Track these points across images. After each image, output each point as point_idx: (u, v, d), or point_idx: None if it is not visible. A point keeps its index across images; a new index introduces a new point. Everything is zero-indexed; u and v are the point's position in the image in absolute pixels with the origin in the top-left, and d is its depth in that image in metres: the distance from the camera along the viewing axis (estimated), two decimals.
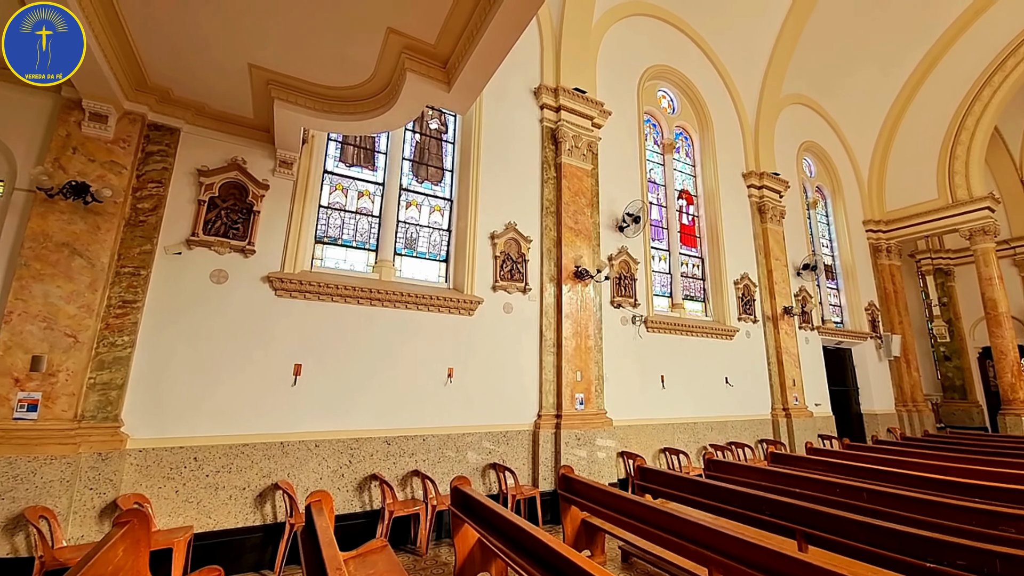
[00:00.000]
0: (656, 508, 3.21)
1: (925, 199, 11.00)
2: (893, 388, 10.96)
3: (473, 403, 5.34)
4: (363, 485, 4.56)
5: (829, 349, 10.18)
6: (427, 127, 6.19)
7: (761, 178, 9.28)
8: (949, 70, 10.33)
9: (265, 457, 4.18)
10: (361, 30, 3.28)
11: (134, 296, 3.97)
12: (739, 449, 7.31)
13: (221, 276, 4.32)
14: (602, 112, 7.11)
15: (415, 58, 3.45)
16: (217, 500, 3.98)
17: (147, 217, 4.11)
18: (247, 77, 3.84)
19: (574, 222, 6.44)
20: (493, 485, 5.26)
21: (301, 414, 4.41)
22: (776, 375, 8.49)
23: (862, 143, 11.97)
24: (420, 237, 5.77)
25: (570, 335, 6.03)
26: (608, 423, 6.13)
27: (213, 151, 4.50)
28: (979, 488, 4.06)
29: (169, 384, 4.01)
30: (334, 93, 3.95)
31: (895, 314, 11.39)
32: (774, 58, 9.44)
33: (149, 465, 3.86)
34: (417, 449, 4.89)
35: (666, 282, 8.03)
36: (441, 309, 5.35)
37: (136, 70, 3.89)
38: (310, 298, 4.66)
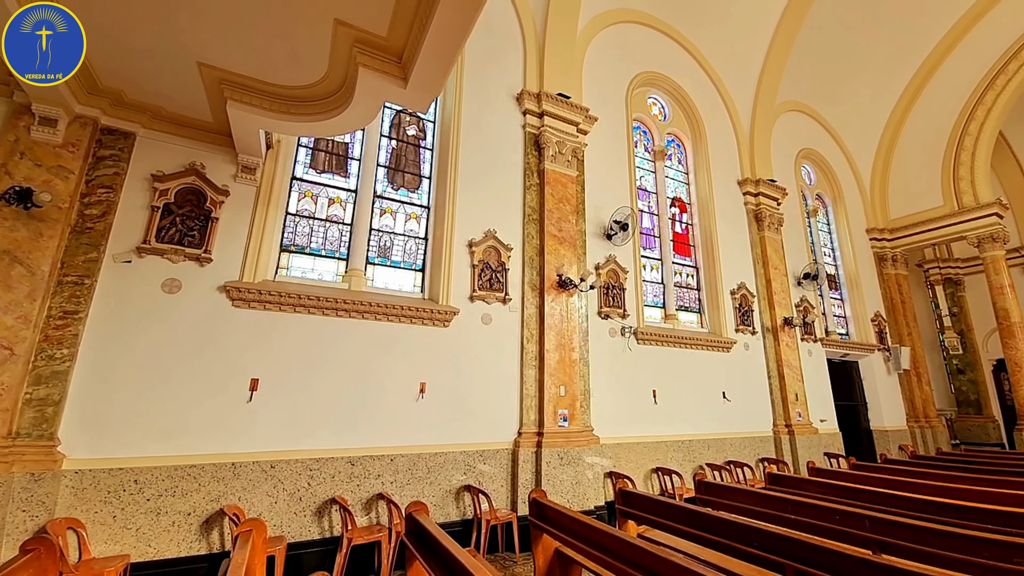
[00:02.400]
0: (629, 542, 2.86)
1: (930, 206, 10.64)
2: (904, 403, 10.45)
3: (447, 420, 5.03)
4: (323, 509, 4.24)
5: (834, 362, 9.76)
6: (404, 133, 6.02)
7: (757, 185, 9.01)
8: (950, 75, 10.09)
9: (214, 479, 3.89)
10: (307, 22, 3.10)
11: (76, 307, 3.75)
12: (738, 469, 6.89)
13: (174, 286, 4.10)
14: (588, 118, 6.92)
15: (367, 52, 3.26)
16: (158, 526, 3.69)
17: (95, 224, 3.92)
18: (198, 77, 3.68)
19: (558, 229, 6.19)
20: (468, 509, 4.91)
21: (256, 432, 4.13)
22: (777, 389, 8.09)
23: (863, 150, 11.69)
24: (395, 245, 5.54)
25: (553, 347, 5.73)
26: (595, 441, 5.77)
27: (171, 156, 4.32)
28: (992, 514, 3.66)
29: (110, 400, 3.75)
30: (290, 93, 3.77)
31: (903, 325, 10.94)
32: (767, 65, 9.25)
33: (85, 488, 3.59)
34: (384, 470, 4.57)
35: (659, 292, 7.72)
36: (414, 320, 5.09)
37: (85, 72, 3.74)
38: (270, 309, 4.41)
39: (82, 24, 2.72)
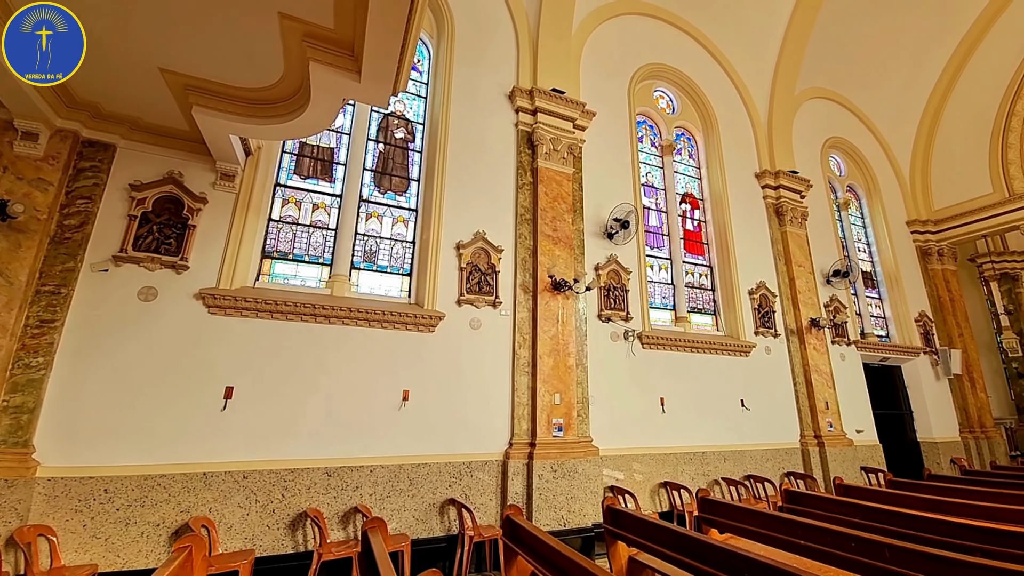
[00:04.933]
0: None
1: (978, 194, 9.67)
2: (956, 411, 9.45)
3: (432, 429, 4.82)
4: (297, 522, 4.10)
5: (873, 367, 8.94)
6: (392, 136, 5.93)
7: (777, 177, 8.43)
8: (990, 52, 9.18)
9: (185, 490, 3.82)
10: (252, 18, 3.01)
11: (52, 316, 3.79)
12: (757, 484, 6.33)
13: (150, 293, 4.10)
14: (584, 113, 6.64)
15: (317, 46, 3.14)
16: (127, 537, 3.64)
17: (73, 234, 3.97)
18: (163, 84, 3.68)
19: (552, 229, 5.92)
20: (454, 523, 4.66)
21: (230, 442, 4.05)
22: (804, 397, 7.45)
23: (900, 136, 10.81)
24: (381, 250, 5.42)
25: (547, 352, 5.44)
26: (593, 452, 5.42)
27: (150, 166, 4.36)
28: None
29: (84, 408, 3.76)
30: (253, 95, 3.71)
31: (953, 326, 9.95)
32: (785, 50, 8.69)
33: (58, 495, 3.58)
34: (363, 482, 4.40)
35: (668, 293, 7.29)
36: (397, 326, 4.93)
37: (62, 86, 3.81)
38: (247, 315, 4.36)
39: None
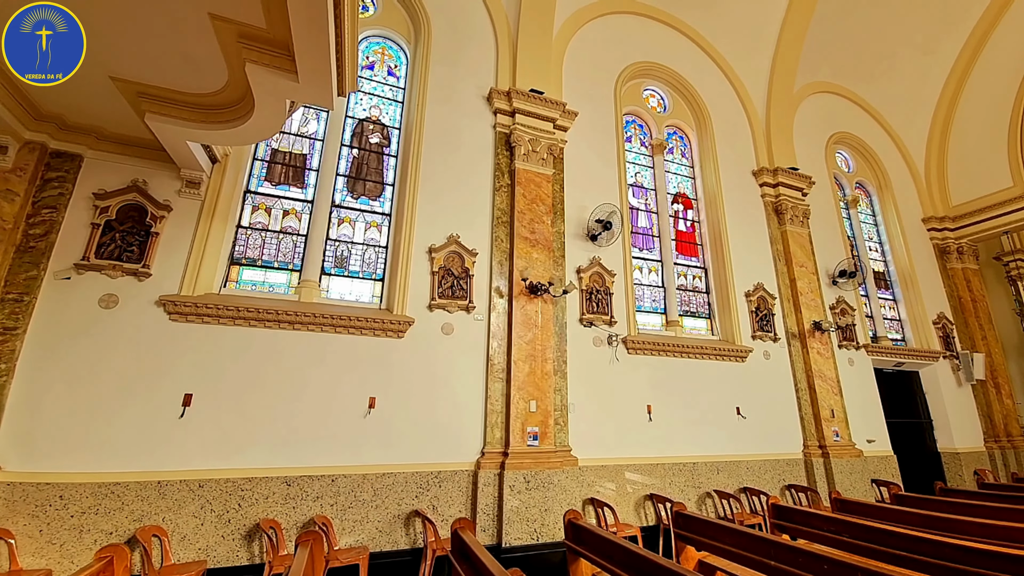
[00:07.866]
0: None
1: (998, 188, 9.09)
2: (980, 419, 8.82)
3: (398, 437, 4.70)
4: (253, 533, 4.01)
5: (886, 372, 8.44)
6: (367, 142, 5.91)
7: (776, 175, 8.10)
8: (1006, 39, 8.66)
9: (138, 498, 3.79)
10: (184, 21, 2.99)
11: (15, 323, 3.84)
12: (753, 497, 5.98)
13: (111, 301, 4.13)
14: (565, 113, 6.50)
15: (252, 47, 3.11)
16: (81, 544, 3.61)
17: (37, 243, 4.04)
18: (117, 92, 3.71)
19: (530, 232, 5.78)
20: (419, 536, 4.51)
21: (187, 450, 4.01)
22: (807, 404, 7.05)
23: (912, 130, 10.30)
24: (352, 255, 5.37)
25: (523, 358, 5.27)
26: (572, 462, 5.21)
27: (117, 175, 4.42)
28: None
29: (43, 414, 3.78)
30: (204, 101, 3.71)
31: (976, 328, 9.34)
32: (782, 44, 8.39)
33: (16, 500, 3.60)
34: (324, 491, 4.30)
35: (659, 297, 7.03)
36: (365, 331, 4.85)
37: (25, 99, 3.90)
38: (209, 322, 4.34)
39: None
